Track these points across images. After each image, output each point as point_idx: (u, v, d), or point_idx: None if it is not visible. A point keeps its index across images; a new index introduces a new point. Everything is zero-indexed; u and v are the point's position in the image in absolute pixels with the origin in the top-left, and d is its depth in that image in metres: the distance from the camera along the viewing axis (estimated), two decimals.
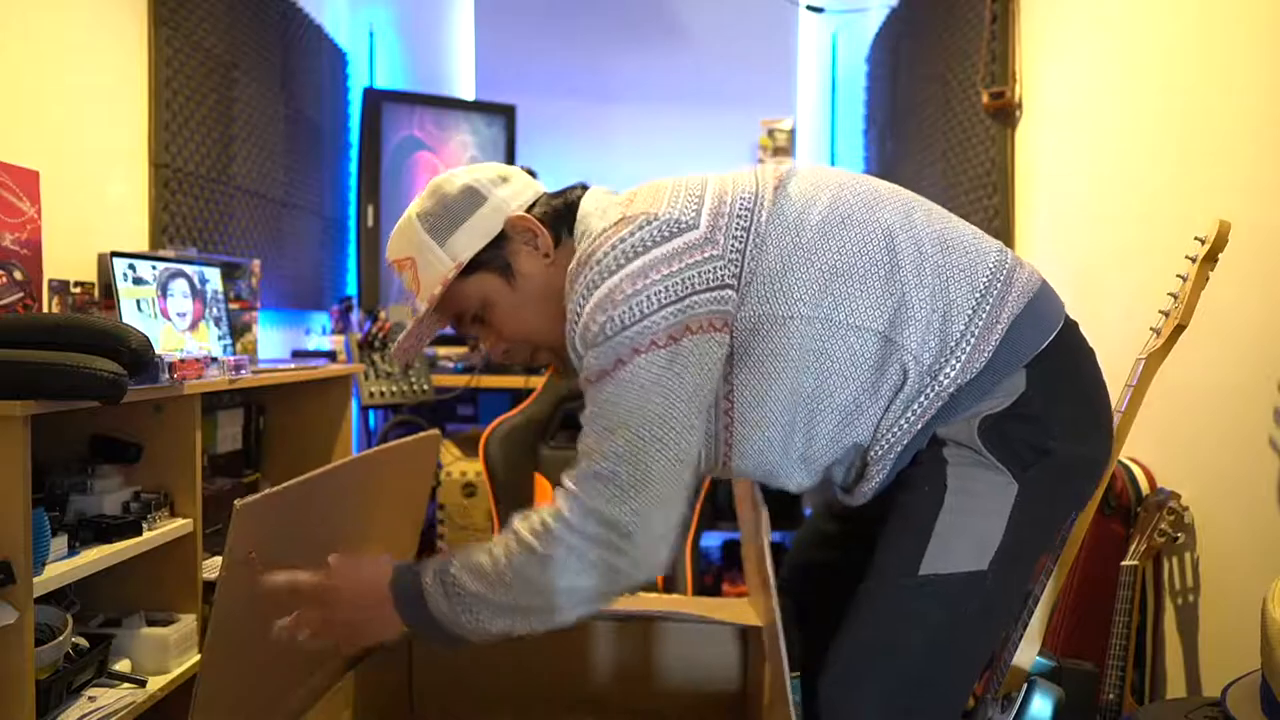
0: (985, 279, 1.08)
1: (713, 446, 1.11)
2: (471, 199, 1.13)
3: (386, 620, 1.04)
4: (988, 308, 1.06)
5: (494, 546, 1.00)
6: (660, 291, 0.98)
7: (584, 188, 1.17)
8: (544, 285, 1.13)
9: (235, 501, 0.99)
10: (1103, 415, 1.14)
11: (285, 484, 1.08)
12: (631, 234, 1.02)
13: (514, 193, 1.14)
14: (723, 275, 1.02)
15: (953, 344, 1.05)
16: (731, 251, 1.04)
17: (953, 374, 1.04)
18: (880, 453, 1.08)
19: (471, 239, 1.12)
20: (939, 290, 1.06)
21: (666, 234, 1.02)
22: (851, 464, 1.11)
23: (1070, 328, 1.12)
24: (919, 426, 1.06)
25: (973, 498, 1.04)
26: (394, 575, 1.05)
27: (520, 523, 1.00)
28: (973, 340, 1.05)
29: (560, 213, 1.14)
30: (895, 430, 1.06)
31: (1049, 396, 1.06)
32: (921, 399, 1.05)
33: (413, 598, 1.02)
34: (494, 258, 1.13)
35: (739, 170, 1.16)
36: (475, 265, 1.12)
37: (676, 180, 1.12)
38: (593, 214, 1.10)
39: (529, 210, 1.14)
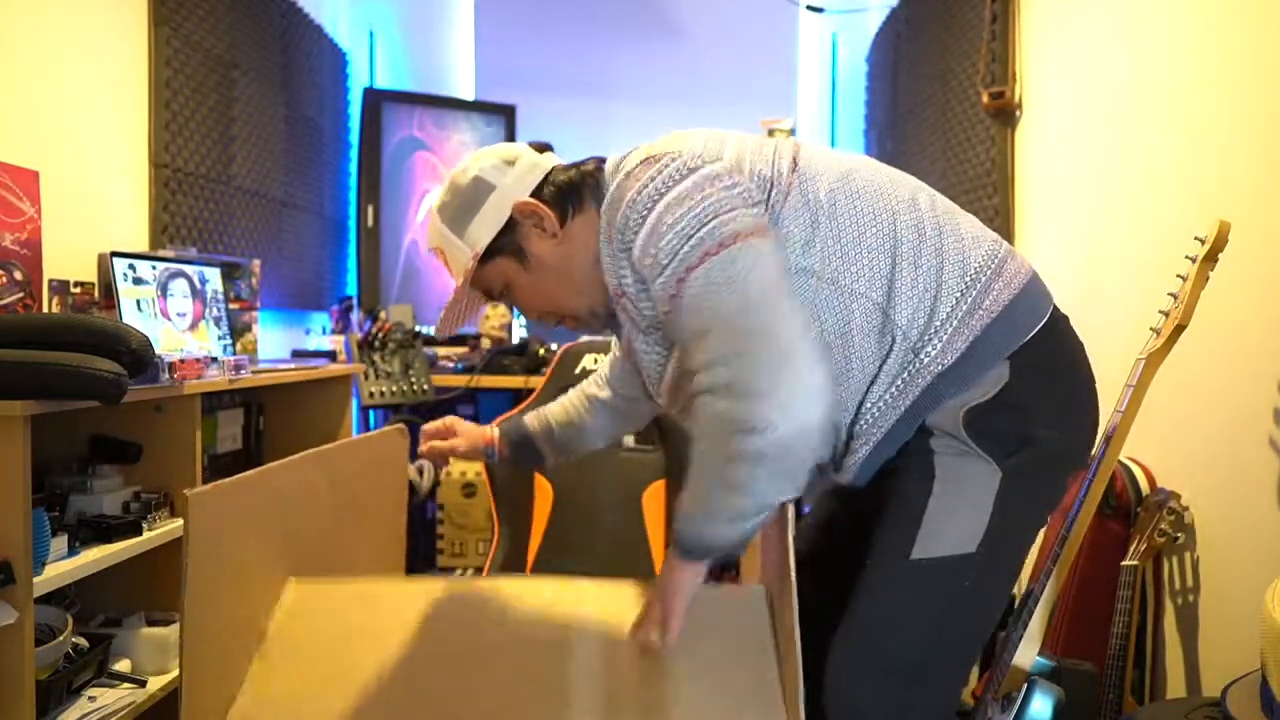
0: (976, 266, 1.12)
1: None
2: (480, 189, 1.18)
3: (699, 580, 1.08)
4: (974, 295, 1.10)
5: (705, 495, 1.03)
6: (700, 213, 1.03)
7: (599, 160, 1.22)
8: (557, 263, 1.18)
9: (185, 491, 0.99)
10: (1088, 405, 1.17)
11: (238, 475, 1.09)
12: (659, 171, 1.07)
13: (519, 176, 1.18)
14: (754, 199, 1.08)
15: (937, 325, 1.09)
16: (756, 190, 1.09)
17: (933, 353, 1.09)
18: (864, 427, 1.12)
19: (484, 228, 1.17)
20: (933, 272, 1.11)
21: (694, 166, 1.07)
22: (839, 438, 1.15)
23: (1057, 321, 1.16)
24: (901, 405, 1.10)
25: (959, 485, 1.09)
26: (679, 545, 1.07)
27: (704, 464, 1.03)
28: (954, 324, 1.09)
29: (567, 189, 1.18)
30: (879, 405, 1.11)
31: (1033, 387, 1.10)
32: (904, 375, 1.10)
33: (703, 551, 1.05)
34: (508, 243, 1.18)
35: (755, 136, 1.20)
36: (492, 251, 1.18)
37: (698, 130, 1.17)
38: (618, 167, 1.15)
39: (537, 190, 1.18)
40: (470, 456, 1.56)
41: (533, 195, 1.17)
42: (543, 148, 1.24)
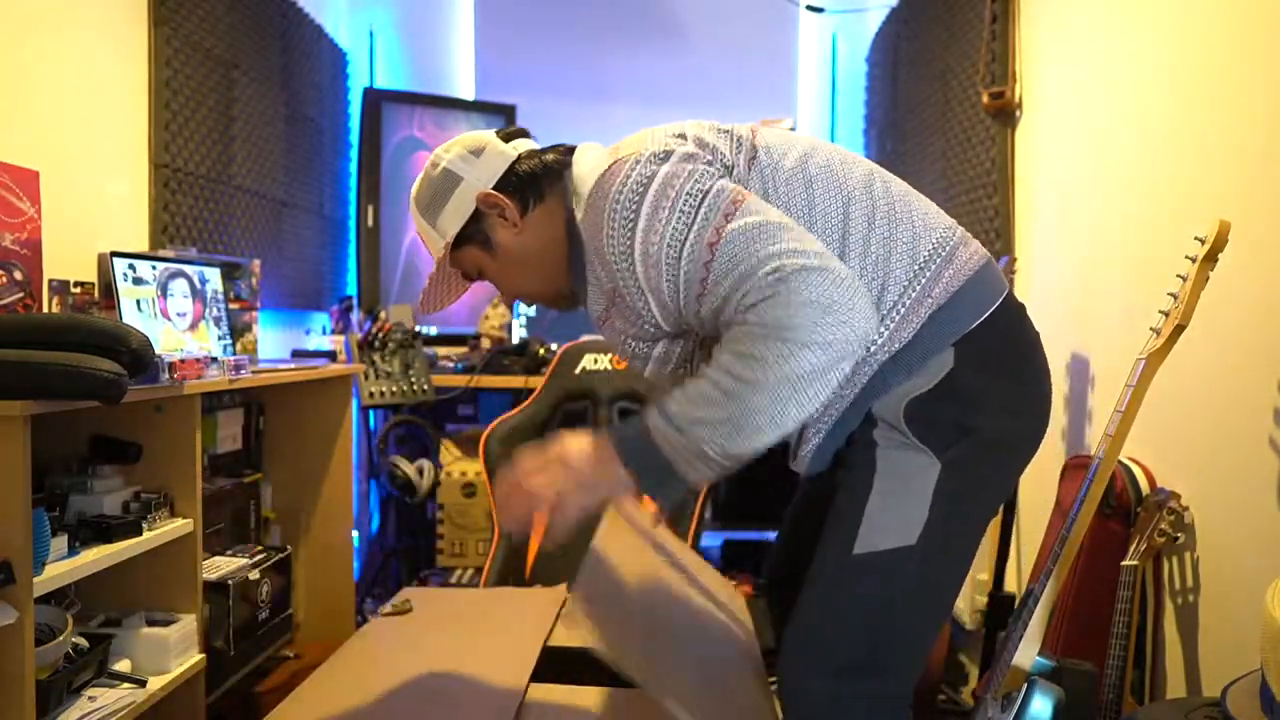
0: (925, 253, 1.13)
1: (686, 374, 1.20)
2: (448, 180, 1.22)
3: (613, 478, 1.05)
4: (921, 283, 1.11)
5: (704, 372, 1.03)
6: (690, 192, 1.05)
7: (562, 148, 1.25)
8: (519, 252, 1.22)
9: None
10: (1035, 397, 1.18)
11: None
12: (630, 171, 1.09)
13: (483, 167, 1.22)
14: (723, 169, 1.11)
15: (884, 312, 1.10)
16: (721, 162, 1.12)
17: (879, 341, 1.10)
18: (816, 416, 1.13)
19: (452, 218, 1.22)
20: (881, 260, 1.11)
21: (660, 159, 1.09)
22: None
23: (1009, 309, 1.16)
24: (850, 393, 1.12)
25: (898, 479, 1.10)
26: (614, 431, 1.07)
27: (723, 343, 1.03)
28: (901, 312, 1.10)
29: (529, 178, 1.21)
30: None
31: (976, 375, 1.11)
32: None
33: (642, 444, 1.04)
34: (475, 232, 1.22)
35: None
36: (462, 239, 1.23)
37: (654, 128, 1.20)
38: (584, 172, 1.17)
39: (503, 181, 1.21)
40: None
41: (497, 185, 1.20)
42: (511, 135, 1.27)
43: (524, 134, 1.28)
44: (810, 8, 3.59)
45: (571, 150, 1.24)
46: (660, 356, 1.22)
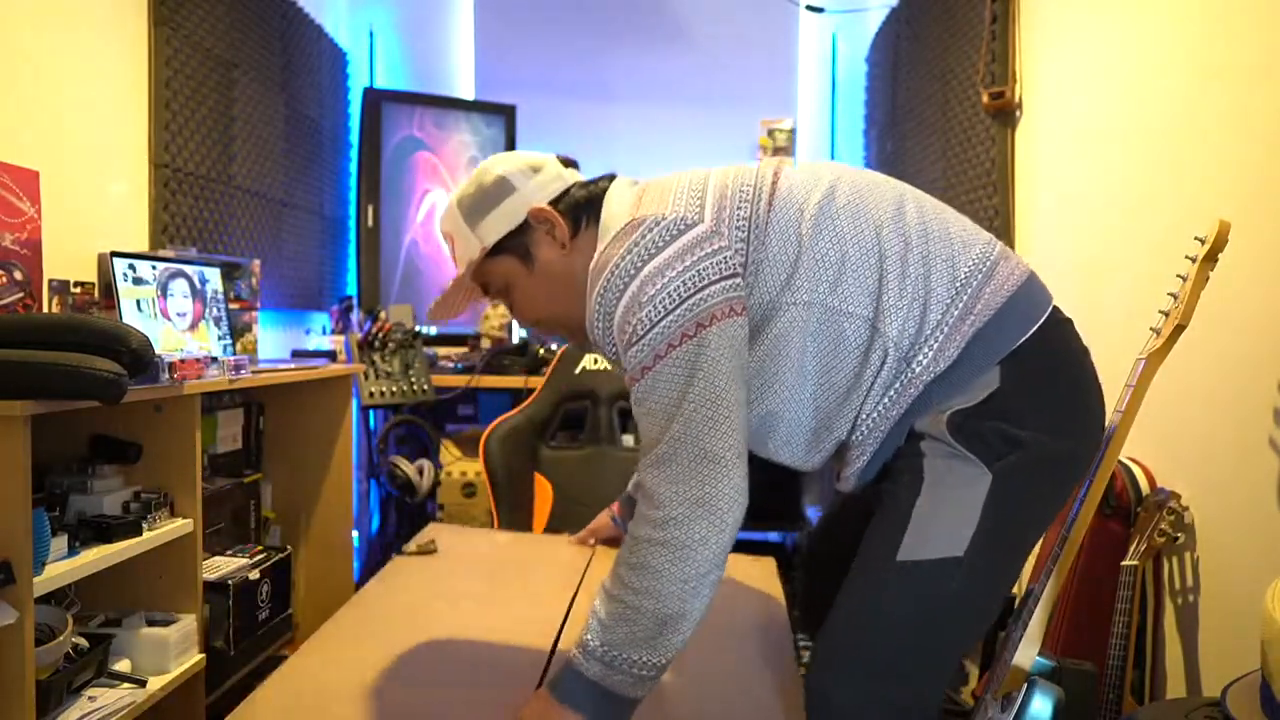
0: (966, 271, 1.12)
1: None
2: (501, 189, 1.22)
3: None
4: (964, 300, 1.10)
5: (608, 590, 1.06)
6: (678, 288, 1.05)
7: (611, 179, 1.25)
8: (561, 271, 1.22)
9: None
10: (1085, 410, 1.16)
11: None
12: (642, 236, 1.09)
13: (541, 184, 1.23)
14: (732, 264, 1.09)
15: (927, 333, 1.10)
16: (736, 242, 1.10)
17: (925, 362, 1.09)
18: (860, 438, 1.14)
19: (497, 225, 1.22)
20: (920, 280, 1.11)
21: (674, 233, 1.08)
22: (837, 451, 1.18)
23: (1055, 324, 1.14)
24: (894, 415, 1.11)
25: (947, 488, 1.09)
26: (552, 690, 1.06)
27: (618, 558, 1.06)
28: (945, 330, 1.09)
29: (583, 203, 1.22)
30: (873, 416, 1.12)
31: (1023, 395, 1.09)
32: (896, 385, 1.11)
33: (581, 687, 1.04)
34: (516, 244, 1.22)
35: (739, 165, 1.22)
36: (499, 249, 1.22)
37: (680, 177, 1.18)
38: (614, 214, 1.17)
39: (555, 200, 1.22)
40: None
41: (550, 204, 1.21)
42: (568, 163, 1.29)
43: (575, 165, 1.31)
44: (810, 8, 3.59)
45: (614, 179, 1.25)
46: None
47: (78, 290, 1.87)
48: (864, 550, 1.13)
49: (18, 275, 1.68)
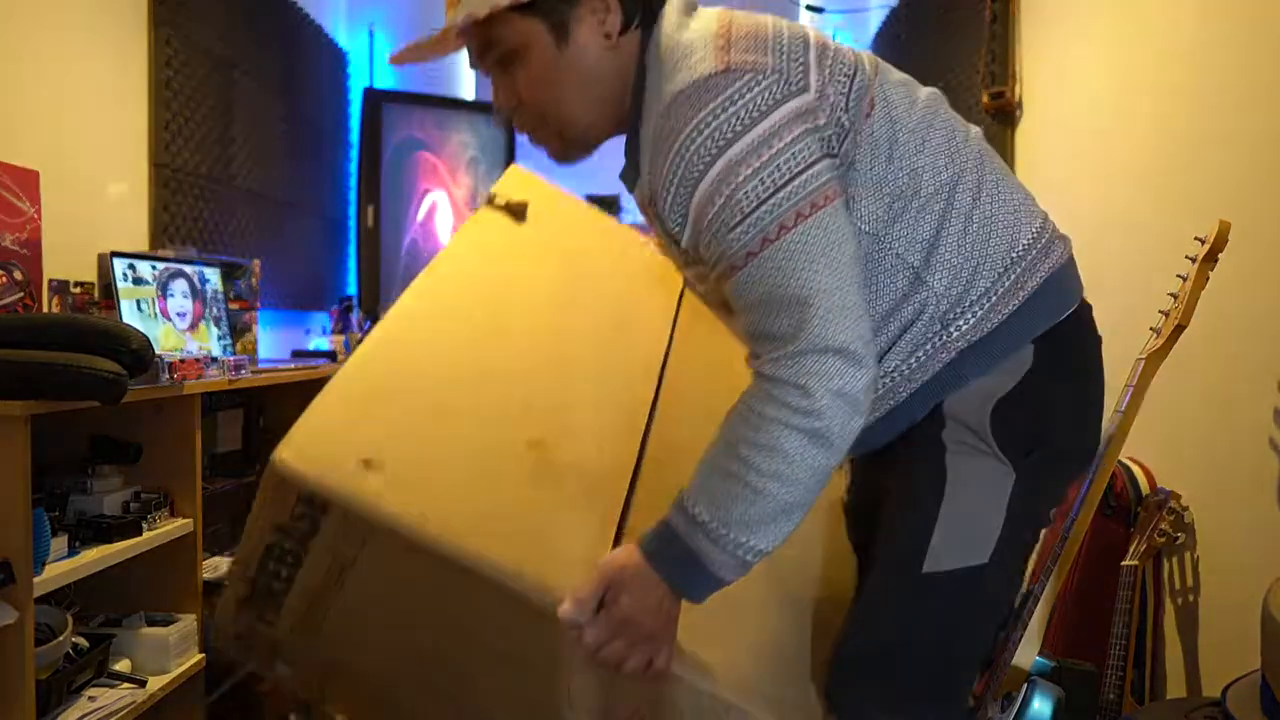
0: (1025, 243, 1.05)
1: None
2: None
3: (668, 614, 0.97)
4: (1017, 272, 1.04)
5: (723, 466, 0.95)
6: (788, 161, 0.94)
7: None
8: (592, 64, 1.04)
9: None
10: (1097, 405, 1.13)
11: None
12: (741, 94, 0.95)
13: None
14: (832, 145, 0.99)
15: (973, 298, 1.03)
16: (836, 126, 1.00)
17: (964, 328, 1.02)
18: (879, 392, 1.04)
19: None
20: (979, 241, 1.04)
21: (780, 96, 0.96)
22: None
23: (1085, 310, 1.10)
24: (919, 379, 1.04)
25: (972, 490, 1.03)
26: (649, 551, 0.97)
27: (734, 432, 0.95)
28: (992, 300, 1.03)
29: (644, 2, 1.05)
30: (897, 374, 1.04)
31: (1052, 379, 1.04)
32: (926, 347, 1.03)
33: (681, 562, 0.95)
34: (555, 9, 1.02)
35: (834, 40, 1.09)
36: (532, 7, 1.02)
37: (772, 22, 1.04)
38: (679, 41, 1.01)
39: None
40: None
41: None
42: None
43: None
44: (810, 8, 3.58)
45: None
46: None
47: (78, 290, 1.87)
48: (885, 554, 1.08)
49: (18, 275, 1.68)
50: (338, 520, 0.97)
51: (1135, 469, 1.78)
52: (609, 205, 2.91)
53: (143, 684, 1.54)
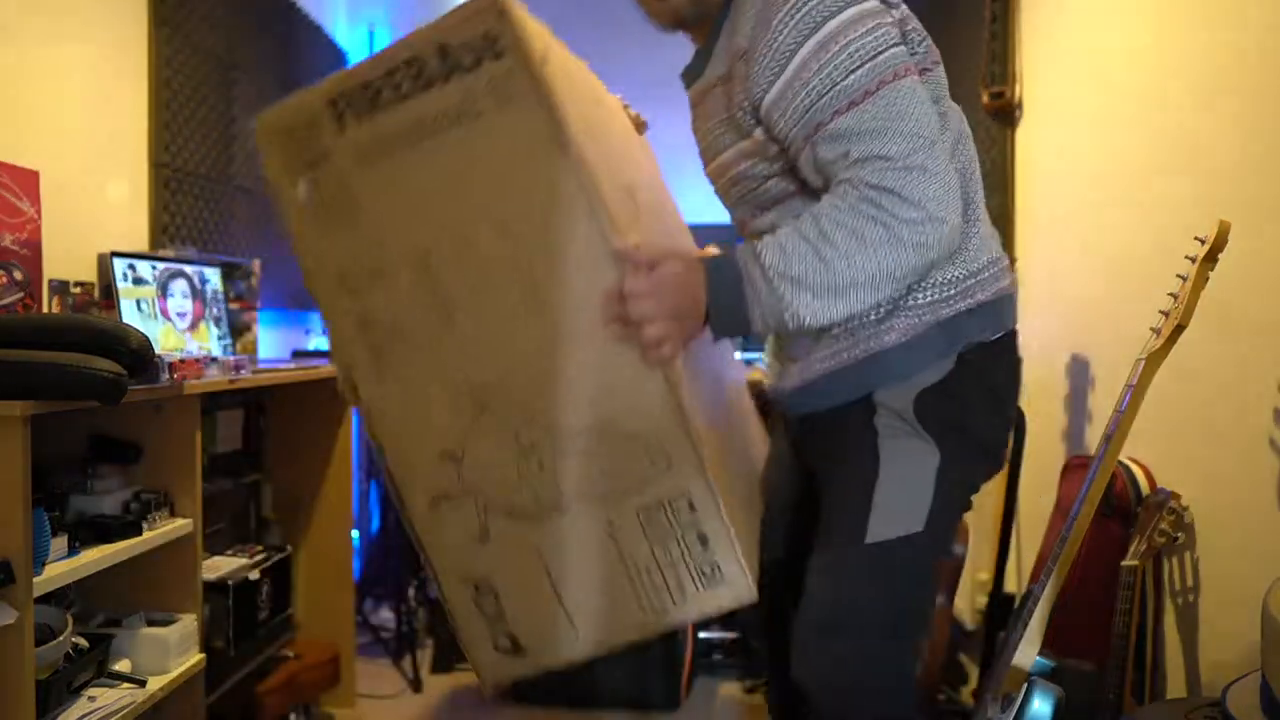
0: (988, 259, 1.16)
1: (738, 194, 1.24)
2: None
3: (698, 314, 1.05)
4: (974, 280, 1.14)
5: (802, 232, 1.03)
6: (878, 36, 1.05)
7: None
8: None
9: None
10: (1010, 421, 1.25)
11: None
12: None
13: None
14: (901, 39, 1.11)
15: (937, 280, 1.12)
16: (915, 52, 1.16)
17: (921, 301, 1.12)
18: (853, 323, 1.14)
19: None
20: (963, 241, 1.13)
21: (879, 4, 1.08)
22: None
23: (1015, 340, 1.22)
24: (859, 352, 1.13)
25: (904, 466, 1.13)
26: (712, 265, 1.05)
27: (822, 210, 1.03)
28: (949, 292, 1.13)
29: None
30: (859, 318, 1.13)
31: (975, 383, 1.15)
32: (879, 309, 1.12)
33: (733, 288, 1.04)
34: None
35: None
36: None
37: None
38: None
39: None
40: None
41: None
42: None
43: None
44: None
45: None
46: (728, 160, 1.20)
47: (78, 290, 1.87)
48: (827, 535, 1.17)
49: (18, 275, 1.68)
50: (502, 73, 0.96)
51: (1135, 469, 1.78)
52: None
53: (143, 684, 1.54)
